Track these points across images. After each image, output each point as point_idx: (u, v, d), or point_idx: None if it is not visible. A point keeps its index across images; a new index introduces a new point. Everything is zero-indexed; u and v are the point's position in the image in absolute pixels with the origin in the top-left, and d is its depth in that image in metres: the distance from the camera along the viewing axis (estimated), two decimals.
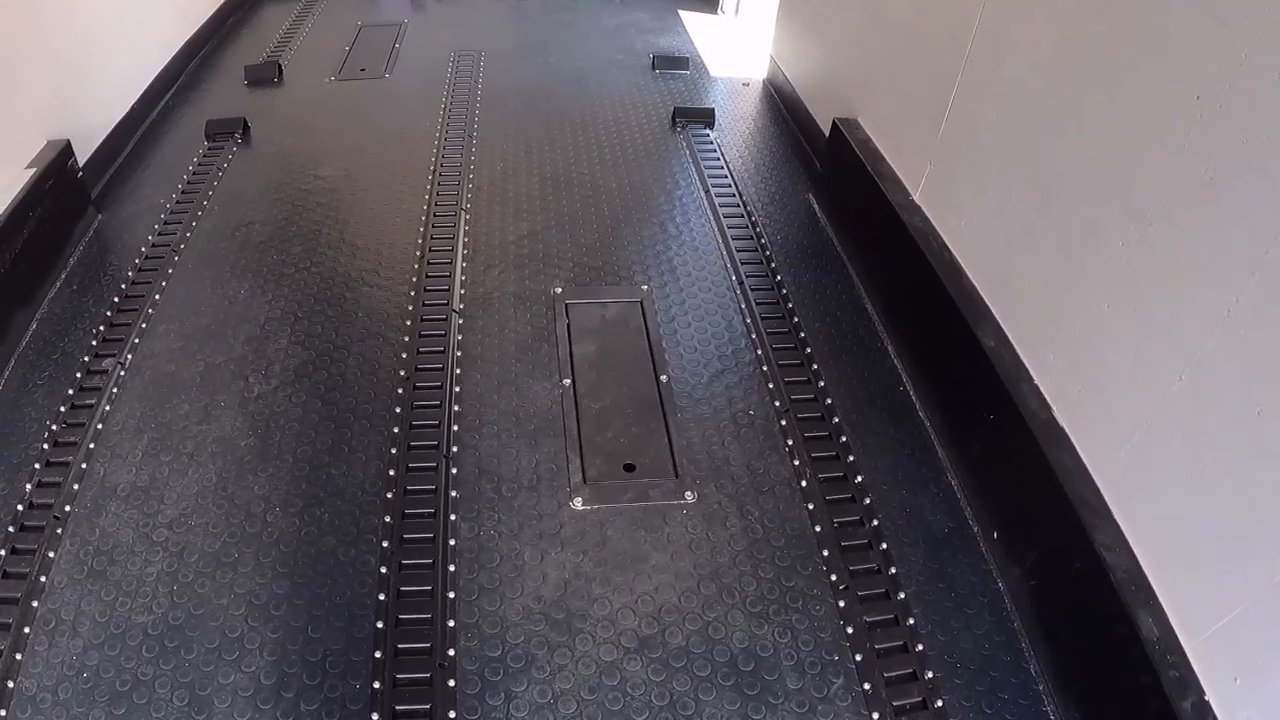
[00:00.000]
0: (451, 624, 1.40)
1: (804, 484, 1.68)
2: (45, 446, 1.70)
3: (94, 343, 1.98)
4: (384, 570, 1.48)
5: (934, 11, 1.99)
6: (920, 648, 1.41)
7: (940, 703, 1.33)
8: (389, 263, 2.23)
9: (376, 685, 1.32)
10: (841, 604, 1.47)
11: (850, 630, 1.43)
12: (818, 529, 1.59)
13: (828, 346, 2.02)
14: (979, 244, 1.78)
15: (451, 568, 1.48)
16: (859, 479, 1.69)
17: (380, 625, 1.40)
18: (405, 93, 3.24)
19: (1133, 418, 1.29)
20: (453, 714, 1.29)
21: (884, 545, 1.57)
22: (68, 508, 1.59)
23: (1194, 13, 1.17)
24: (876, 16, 2.37)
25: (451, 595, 1.44)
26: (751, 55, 3.62)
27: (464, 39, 3.76)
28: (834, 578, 1.51)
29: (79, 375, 1.88)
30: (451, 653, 1.36)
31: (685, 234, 2.41)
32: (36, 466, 1.65)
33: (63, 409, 1.79)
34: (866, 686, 1.35)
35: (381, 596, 1.44)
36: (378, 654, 1.36)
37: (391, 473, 1.65)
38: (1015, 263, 1.64)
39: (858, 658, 1.38)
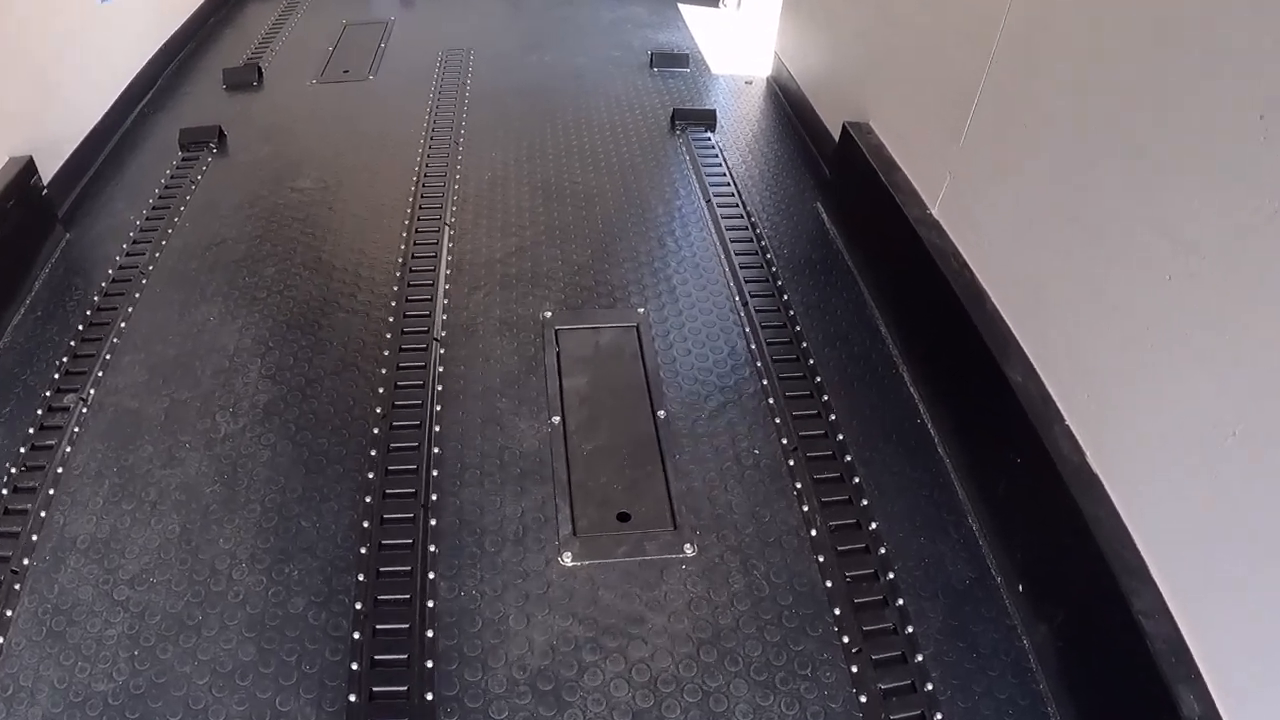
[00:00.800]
0: (430, 697, 1.31)
1: (814, 533, 1.57)
2: (4, 492, 1.62)
3: (56, 376, 1.89)
4: (357, 635, 1.38)
5: (954, 7, 1.85)
6: (939, 717, 1.30)
7: None
8: (367, 284, 2.13)
9: None
10: (854, 669, 1.36)
11: (864, 699, 1.32)
12: (829, 584, 1.48)
13: (838, 374, 1.90)
14: (1004, 266, 1.65)
15: (430, 633, 1.38)
16: (873, 525, 1.58)
17: (354, 699, 1.30)
18: (390, 96, 3.13)
19: (1177, 473, 1.17)
20: None
21: (900, 601, 1.46)
22: (26, 561, 1.51)
23: (1261, 18, 1.04)
24: (889, 12, 2.23)
25: (430, 664, 1.34)
26: (755, 51, 3.48)
27: (453, 36, 3.63)
28: (846, 639, 1.40)
29: (40, 413, 1.79)
30: None
31: (685, 248, 2.29)
32: None
33: (23, 450, 1.70)
34: None
35: (355, 666, 1.34)
36: None
37: (366, 524, 1.55)
38: (1045, 290, 1.51)
39: None
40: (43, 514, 1.58)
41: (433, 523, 1.55)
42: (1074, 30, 1.43)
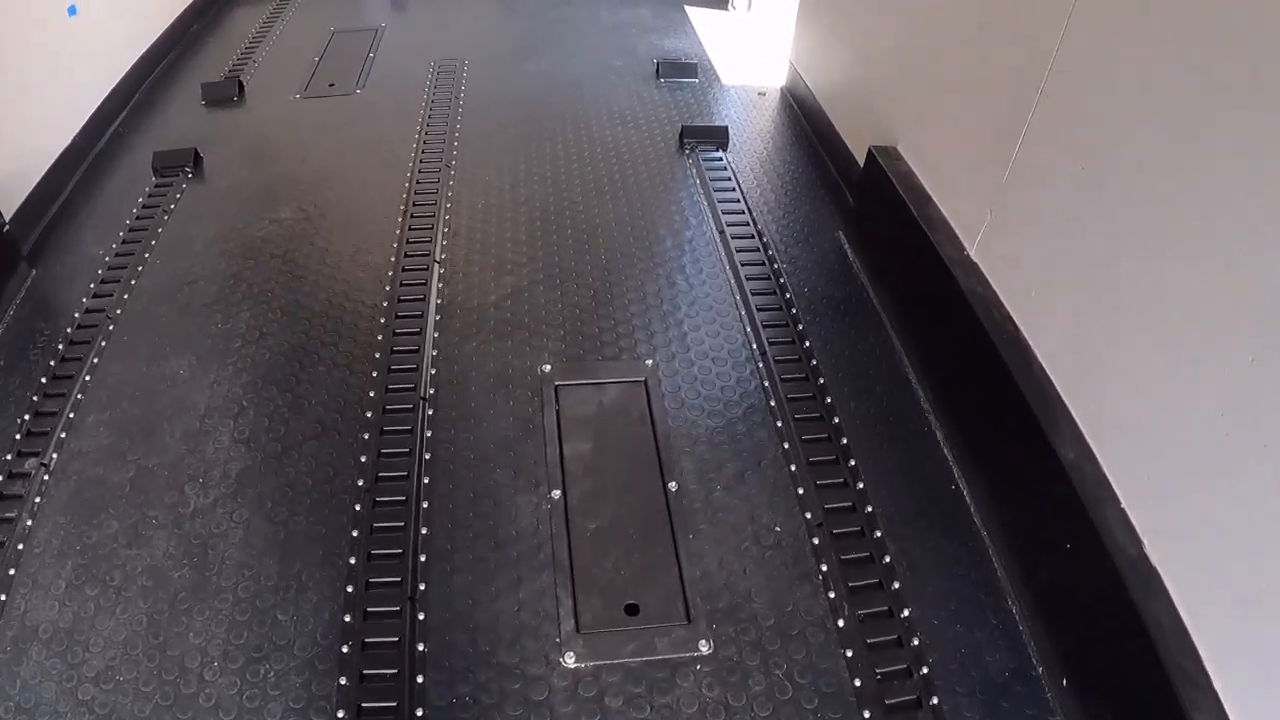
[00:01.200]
0: None
1: (841, 623, 1.44)
2: None
3: (18, 436, 1.77)
4: None
5: (999, 25, 1.69)
6: None
7: None
8: (349, 333, 1.99)
9: None
10: None
11: None
12: (857, 683, 1.35)
13: (865, 433, 1.76)
14: (1055, 324, 1.50)
15: None
16: (905, 613, 1.45)
17: None
18: (377, 112, 2.98)
19: (1250, 579, 1.04)
20: None
21: (935, 699, 1.34)
22: None
23: None
24: (921, 25, 2.06)
25: None
26: (768, 58, 3.31)
27: (446, 44, 3.48)
28: None
29: (1, 479, 1.68)
30: None
31: (696, 287, 2.15)
32: None
33: None
34: None
35: None
36: None
37: (348, 618, 1.42)
38: (1103, 356, 1.36)
39: None
40: (3, 597, 1.47)
41: (420, 617, 1.43)
42: (1146, 59, 1.26)
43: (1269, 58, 1.02)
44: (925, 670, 1.37)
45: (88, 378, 1.91)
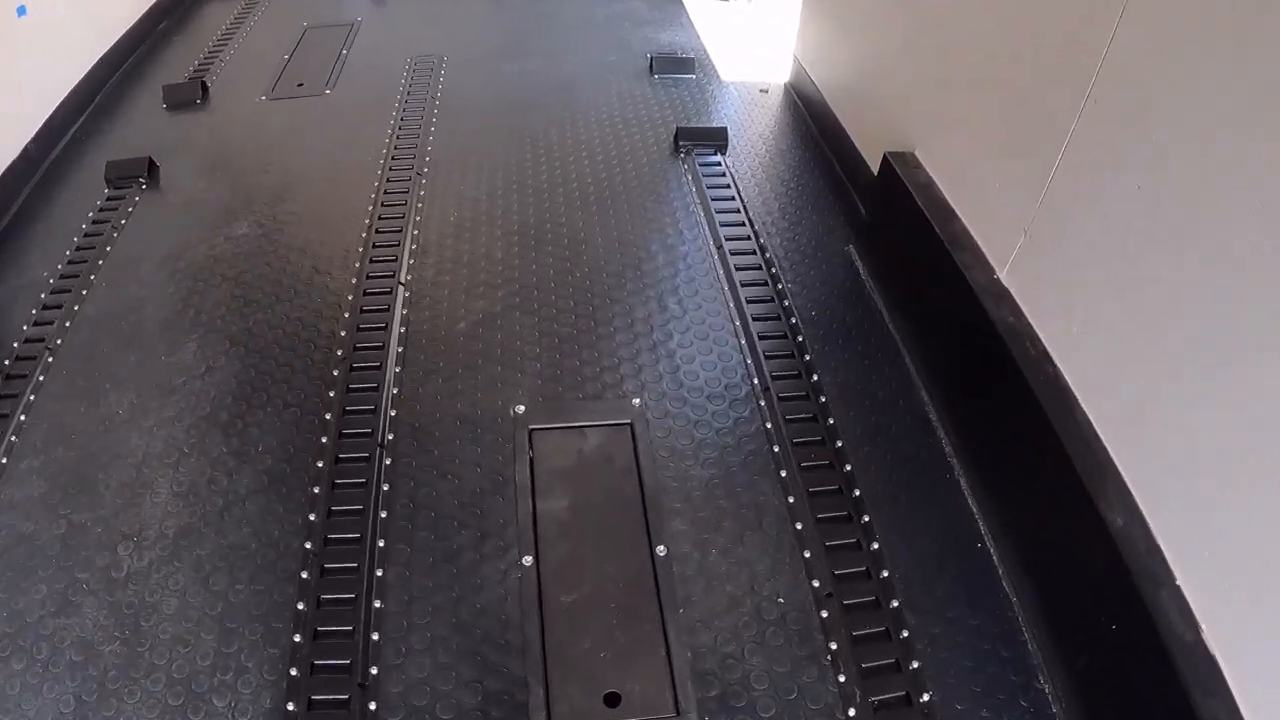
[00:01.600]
0: None
1: (852, 712, 1.26)
2: None
3: None
4: None
5: (1039, 12, 1.48)
6: None
7: None
8: (302, 366, 1.82)
9: None
10: None
11: None
12: None
13: (880, 482, 1.58)
14: (1100, 365, 1.31)
15: None
16: (925, 697, 1.27)
17: None
18: (347, 114, 2.80)
19: None
20: None
21: None
22: None
23: None
24: (942, 11, 1.85)
25: None
26: (771, 52, 3.12)
27: (426, 40, 3.30)
28: None
29: None
30: None
31: (690, 311, 1.96)
32: None
33: None
34: None
35: None
36: None
37: (291, 706, 1.26)
38: (1158, 407, 1.18)
39: None
40: None
41: (372, 706, 1.26)
42: (1224, 52, 1.07)
43: None
44: None
45: (23, 417, 1.75)
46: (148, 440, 1.69)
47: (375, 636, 1.34)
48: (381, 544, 1.47)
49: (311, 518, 1.51)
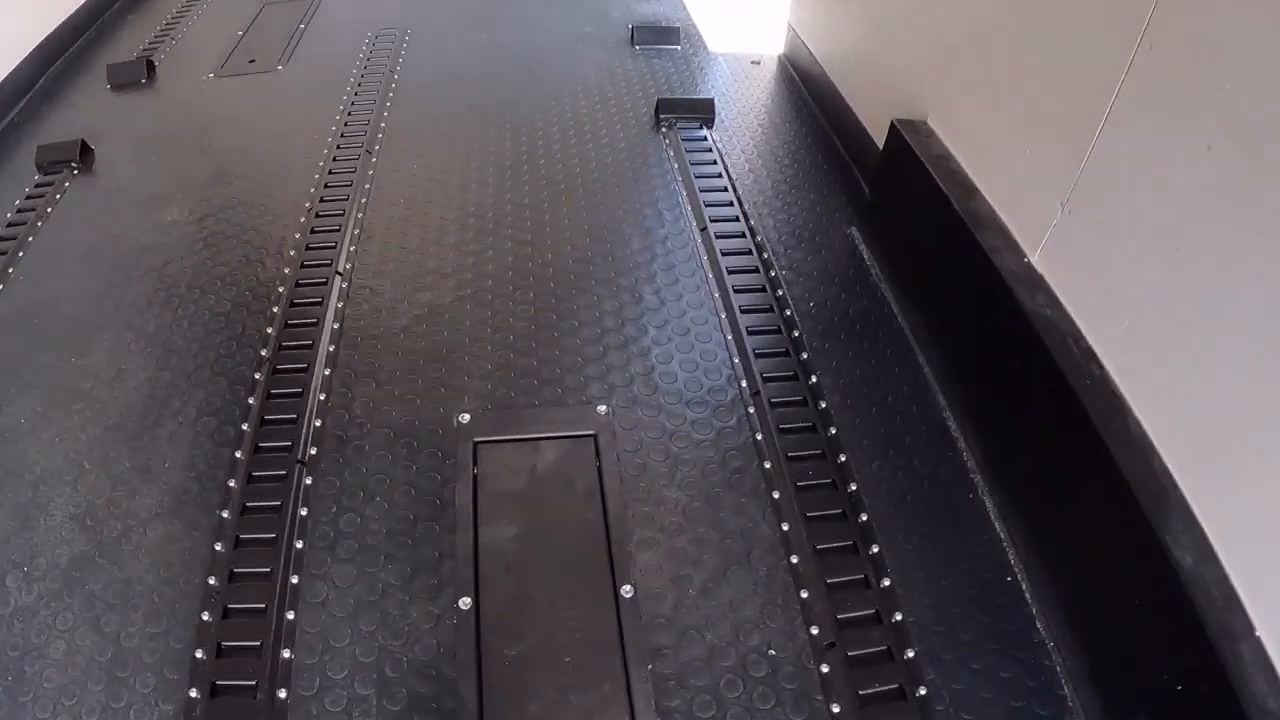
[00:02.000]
0: None
1: None
2: None
3: None
4: None
5: None
6: None
7: None
8: (221, 369, 1.59)
9: None
10: None
11: None
12: None
13: (891, 505, 1.36)
14: (1160, 369, 1.09)
15: None
16: None
17: None
18: (297, 92, 2.59)
19: None
20: None
21: None
22: None
23: None
24: None
25: None
26: (762, 21, 2.92)
27: (390, 12, 3.10)
28: None
29: None
30: None
31: (669, 303, 1.74)
32: None
33: None
34: None
35: None
36: None
37: None
38: (1234, 420, 0.97)
39: None
40: None
41: None
42: None
43: None
44: None
45: None
46: (46, 455, 1.47)
47: (283, 694, 1.12)
48: (295, 580, 1.25)
49: (217, 547, 1.28)
